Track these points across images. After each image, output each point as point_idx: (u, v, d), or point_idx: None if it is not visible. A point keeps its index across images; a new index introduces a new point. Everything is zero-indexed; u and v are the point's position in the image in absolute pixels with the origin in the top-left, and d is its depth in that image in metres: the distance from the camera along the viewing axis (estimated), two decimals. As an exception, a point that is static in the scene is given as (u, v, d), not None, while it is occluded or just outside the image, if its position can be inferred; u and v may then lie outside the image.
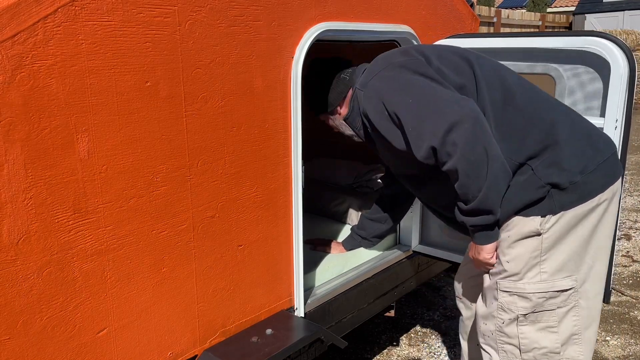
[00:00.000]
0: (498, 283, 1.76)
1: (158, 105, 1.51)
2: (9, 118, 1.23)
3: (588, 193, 1.67)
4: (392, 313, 2.70)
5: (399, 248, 2.71)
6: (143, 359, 1.62)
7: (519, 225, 1.70)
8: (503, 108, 1.72)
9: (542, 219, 1.67)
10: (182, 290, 1.68)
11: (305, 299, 2.14)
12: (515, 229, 1.70)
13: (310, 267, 2.34)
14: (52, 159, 1.32)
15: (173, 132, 1.56)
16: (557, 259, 1.70)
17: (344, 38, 2.23)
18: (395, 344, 3.11)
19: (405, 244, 2.75)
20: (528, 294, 1.71)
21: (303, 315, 2.10)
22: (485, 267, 1.80)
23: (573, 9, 16.49)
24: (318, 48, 2.09)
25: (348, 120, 2.01)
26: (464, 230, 1.80)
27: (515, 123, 1.71)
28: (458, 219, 1.74)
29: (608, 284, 1.92)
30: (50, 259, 1.36)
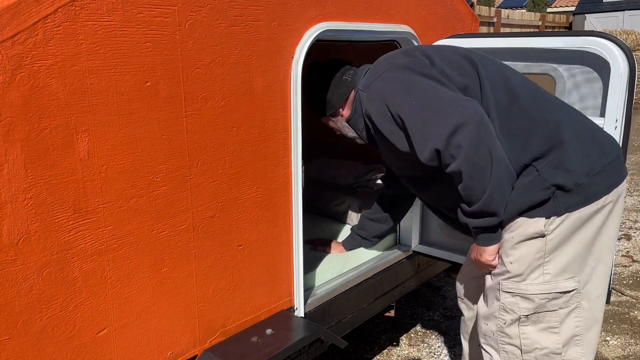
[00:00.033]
0: (500, 284, 1.75)
1: (158, 105, 1.51)
2: (9, 118, 1.23)
3: (593, 195, 1.66)
4: (392, 313, 2.70)
5: (399, 248, 2.71)
6: (143, 359, 1.62)
7: (523, 227, 1.68)
8: (507, 109, 1.71)
9: (546, 221, 1.66)
10: (182, 290, 1.68)
11: (305, 299, 2.14)
12: (519, 230, 1.69)
13: (310, 267, 2.34)
14: (52, 159, 1.32)
15: (173, 132, 1.56)
16: (560, 261, 1.69)
17: (344, 38, 2.23)
18: (395, 344, 3.11)
19: (405, 244, 2.75)
20: (531, 295, 1.71)
21: (303, 315, 2.10)
22: (487, 268, 1.79)
23: (573, 9, 16.49)
24: (318, 48, 2.09)
25: (350, 122, 2.00)
26: (467, 231, 1.79)
27: (520, 124, 1.70)
28: (461, 220, 1.73)
29: (608, 284, 1.92)
30: (50, 259, 1.36)
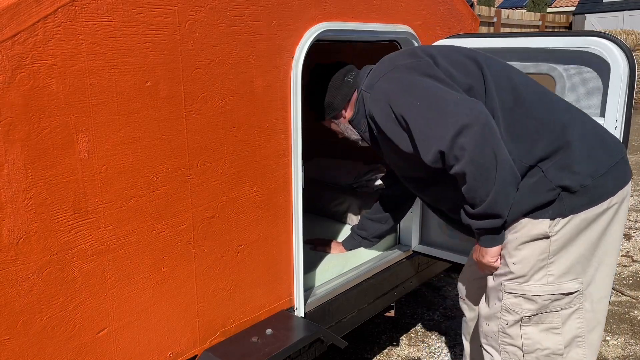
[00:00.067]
0: (503, 284, 1.74)
1: (158, 105, 1.51)
2: (9, 118, 1.23)
3: (599, 197, 1.65)
4: (392, 313, 2.70)
5: (399, 248, 2.71)
6: (143, 359, 1.62)
7: (527, 227, 1.67)
8: (512, 109, 1.70)
9: (551, 222, 1.65)
10: (182, 290, 1.68)
11: (305, 299, 2.14)
12: (523, 231, 1.68)
13: (310, 267, 2.34)
14: (52, 159, 1.32)
15: (173, 132, 1.56)
16: (564, 262, 1.68)
17: (344, 38, 2.23)
18: (395, 344, 3.11)
19: (405, 244, 2.75)
20: (534, 296, 1.70)
21: (303, 315, 2.10)
22: (489, 270, 1.79)
23: (573, 9, 16.50)
24: (318, 48, 2.09)
25: (353, 123, 1.99)
26: (469, 232, 1.78)
27: (525, 125, 1.68)
28: (464, 221, 1.72)
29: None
30: (50, 259, 1.36)
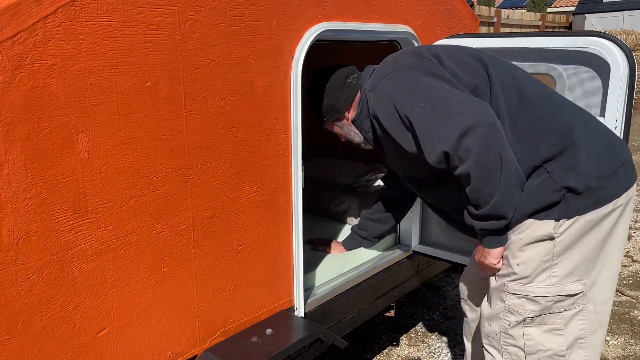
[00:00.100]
0: (506, 285, 1.73)
1: (158, 105, 1.51)
2: (9, 118, 1.23)
3: (604, 198, 1.64)
4: (392, 313, 2.70)
5: (399, 248, 2.71)
6: (143, 359, 1.62)
7: (532, 228, 1.66)
8: (518, 110, 1.69)
9: (555, 223, 1.64)
10: (182, 290, 1.68)
11: (305, 299, 2.14)
12: (528, 232, 1.67)
13: (310, 267, 2.34)
14: (52, 159, 1.32)
15: (173, 132, 1.56)
16: (568, 264, 1.67)
17: (344, 38, 2.23)
18: (395, 344, 3.11)
19: (405, 244, 2.75)
20: (537, 297, 1.69)
21: (303, 315, 2.10)
22: (491, 271, 1.78)
23: (573, 9, 16.50)
24: (318, 48, 2.09)
25: (356, 123, 1.97)
26: (472, 233, 1.77)
27: (531, 125, 1.67)
28: (467, 222, 1.71)
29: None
30: (50, 259, 1.36)
